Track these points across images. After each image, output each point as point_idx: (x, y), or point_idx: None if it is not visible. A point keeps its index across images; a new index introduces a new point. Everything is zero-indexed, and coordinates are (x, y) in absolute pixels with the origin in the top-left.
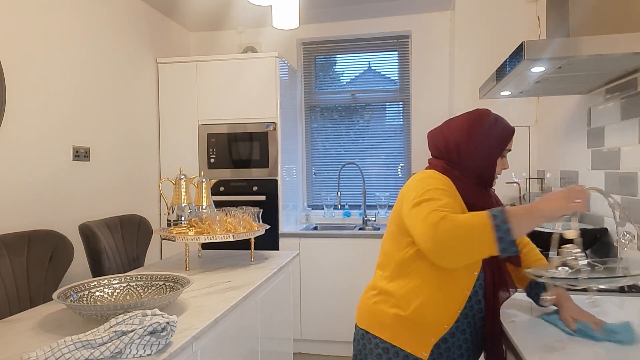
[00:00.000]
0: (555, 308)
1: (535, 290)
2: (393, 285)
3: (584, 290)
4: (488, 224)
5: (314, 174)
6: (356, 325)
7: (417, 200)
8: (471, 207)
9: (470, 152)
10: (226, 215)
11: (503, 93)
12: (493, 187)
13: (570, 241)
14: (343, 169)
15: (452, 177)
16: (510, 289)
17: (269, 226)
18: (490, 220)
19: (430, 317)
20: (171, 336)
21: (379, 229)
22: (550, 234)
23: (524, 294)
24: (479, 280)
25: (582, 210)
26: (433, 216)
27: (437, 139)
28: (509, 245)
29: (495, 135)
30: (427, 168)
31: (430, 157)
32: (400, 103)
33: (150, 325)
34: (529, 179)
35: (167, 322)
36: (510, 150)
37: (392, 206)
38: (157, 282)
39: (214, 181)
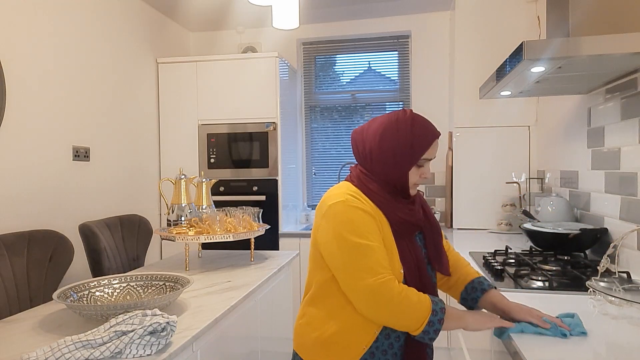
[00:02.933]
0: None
1: (472, 295)
2: (313, 307)
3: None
4: (426, 315)
5: (314, 174)
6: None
7: (358, 242)
8: (391, 220)
9: (379, 159)
10: (226, 215)
11: (503, 93)
12: (421, 192)
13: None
14: (343, 169)
15: (366, 190)
16: None
17: (269, 226)
18: (429, 314)
19: (349, 339)
20: (171, 336)
21: None
22: (550, 233)
23: None
24: None
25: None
26: (385, 272)
27: (357, 140)
28: (427, 339)
29: (406, 141)
30: (346, 178)
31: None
32: (400, 103)
33: (150, 325)
34: (529, 179)
35: (167, 322)
36: (429, 159)
37: None
38: (157, 282)
39: (214, 181)
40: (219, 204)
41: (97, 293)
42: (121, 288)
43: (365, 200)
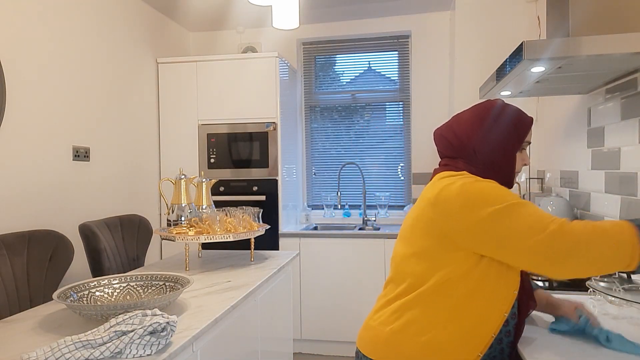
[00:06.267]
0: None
1: None
2: (420, 309)
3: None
4: (634, 233)
5: (314, 174)
6: (364, 356)
7: (504, 205)
8: None
9: (486, 146)
10: (226, 215)
11: (503, 93)
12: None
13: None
14: (343, 169)
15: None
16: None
17: (269, 226)
18: (636, 230)
19: (464, 344)
20: (171, 336)
21: (379, 229)
22: None
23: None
24: (515, 300)
25: None
26: (552, 221)
27: (448, 136)
28: None
29: (510, 123)
30: (444, 169)
31: (442, 158)
32: (400, 103)
33: (150, 325)
34: (529, 179)
35: (167, 322)
36: (529, 142)
37: (392, 206)
38: (157, 282)
39: (214, 181)
40: (219, 204)
41: (97, 293)
42: (121, 288)
43: None
